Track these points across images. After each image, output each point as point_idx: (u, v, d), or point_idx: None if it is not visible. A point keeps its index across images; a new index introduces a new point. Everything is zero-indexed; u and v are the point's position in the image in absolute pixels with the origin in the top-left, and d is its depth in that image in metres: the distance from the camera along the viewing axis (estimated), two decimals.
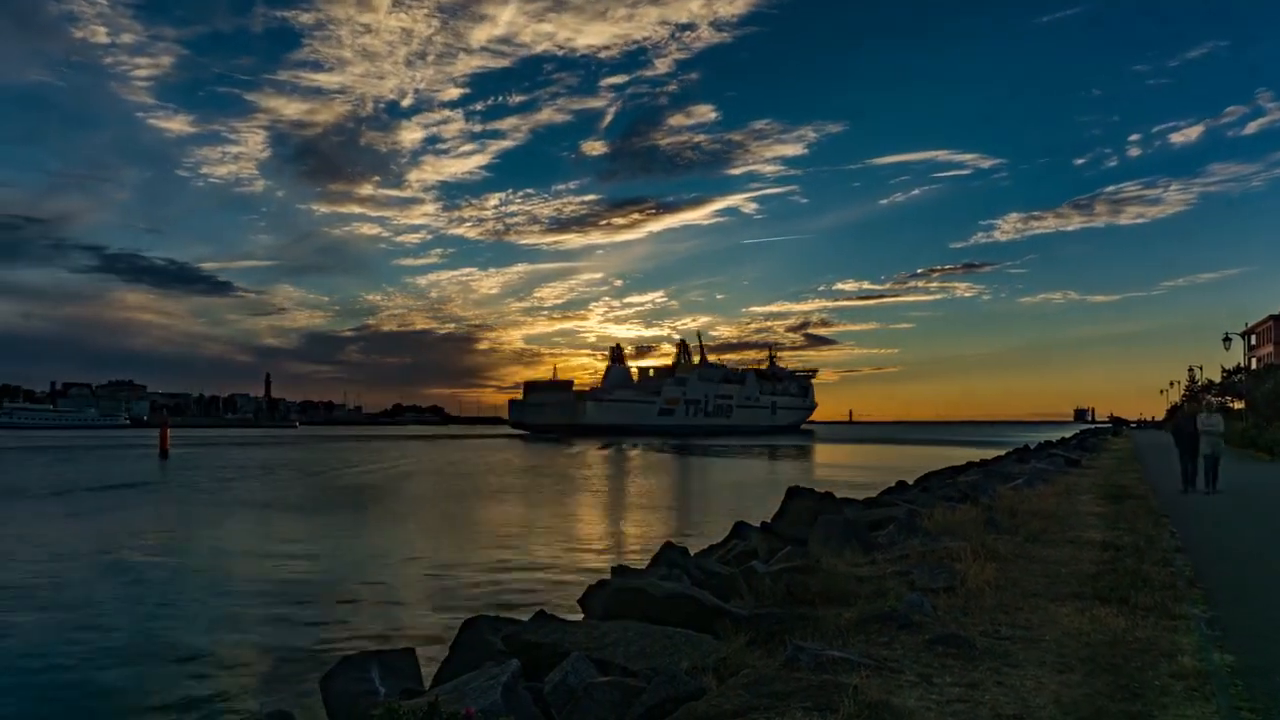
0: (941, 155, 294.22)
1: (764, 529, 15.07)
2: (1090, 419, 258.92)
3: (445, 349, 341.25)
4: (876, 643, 6.27)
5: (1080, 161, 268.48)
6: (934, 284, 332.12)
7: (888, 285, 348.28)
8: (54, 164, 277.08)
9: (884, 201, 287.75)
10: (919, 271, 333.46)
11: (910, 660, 5.81)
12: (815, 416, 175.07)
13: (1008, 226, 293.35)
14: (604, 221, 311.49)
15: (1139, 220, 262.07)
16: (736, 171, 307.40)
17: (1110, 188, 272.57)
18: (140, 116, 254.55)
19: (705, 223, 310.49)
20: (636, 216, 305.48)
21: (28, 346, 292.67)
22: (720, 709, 4.66)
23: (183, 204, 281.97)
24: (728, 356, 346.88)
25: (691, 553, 12.56)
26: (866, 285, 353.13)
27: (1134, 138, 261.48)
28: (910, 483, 26.19)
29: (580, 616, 8.48)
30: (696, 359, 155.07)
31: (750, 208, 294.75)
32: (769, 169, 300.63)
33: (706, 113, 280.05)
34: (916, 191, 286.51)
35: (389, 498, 36.48)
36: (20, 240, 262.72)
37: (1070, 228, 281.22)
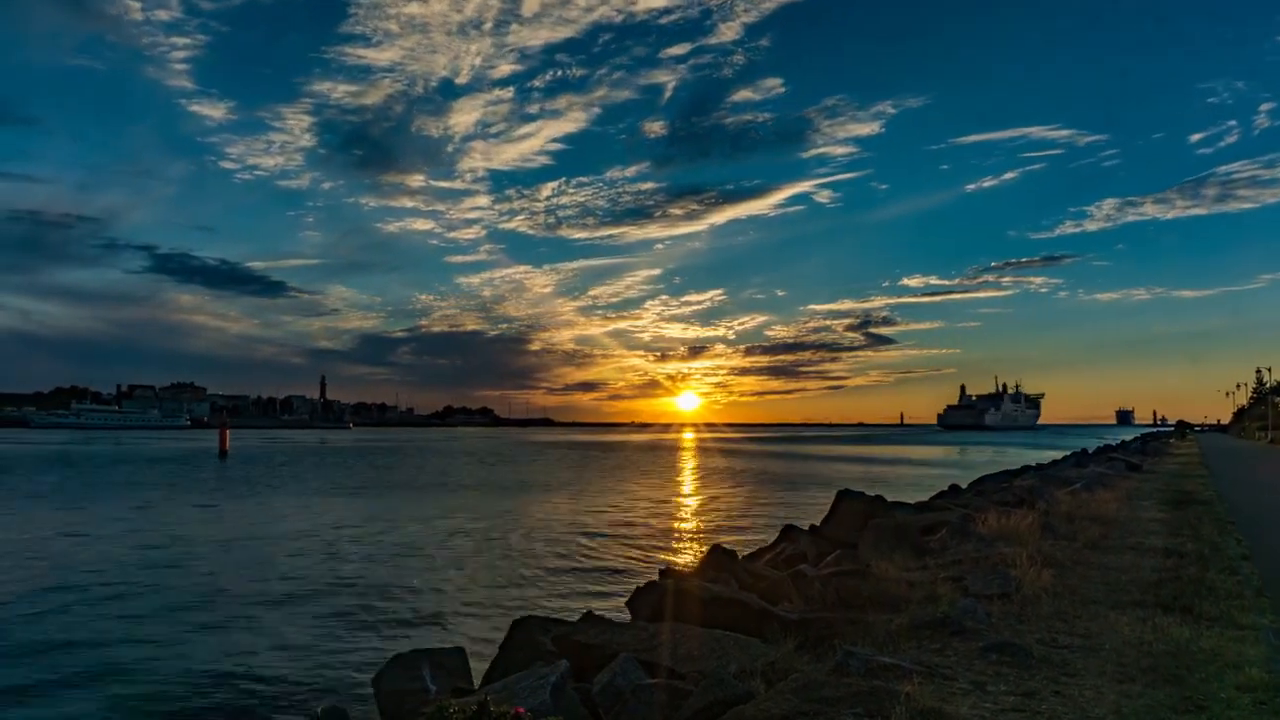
0: (1034, 132, 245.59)
1: (813, 532, 14.93)
2: (1158, 423, 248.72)
3: (496, 350, 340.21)
4: (928, 649, 6.16)
5: (1197, 137, 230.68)
6: (1006, 278, 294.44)
7: (956, 280, 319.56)
8: (96, 158, 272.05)
9: (970, 187, 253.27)
10: (992, 265, 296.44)
11: (964, 668, 5.70)
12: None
13: (1100, 214, 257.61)
14: (660, 213, 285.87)
15: (1248, 206, 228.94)
16: (804, 155, 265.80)
17: (1223, 168, 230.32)
18: (181, 104, 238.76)
19: (769, 214, 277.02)
20: (695, 206, 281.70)
21: (92, 349, 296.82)
22: (769, 713, 4.62)
23: (228, 198, 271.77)
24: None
25: (740, 555, 12.50)
26: (934, 280, 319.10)
27: (1265, 107, 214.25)
28: (964, 486, 25.74)
29: (628, 618, 8.50)
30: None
31: (817, 196, 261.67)
32: (840, 151, 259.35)
33: (774, 86, 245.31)
34: (1011, 175, 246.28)
35: None
36: (70, 240, 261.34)
37: (1170, 215, 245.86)
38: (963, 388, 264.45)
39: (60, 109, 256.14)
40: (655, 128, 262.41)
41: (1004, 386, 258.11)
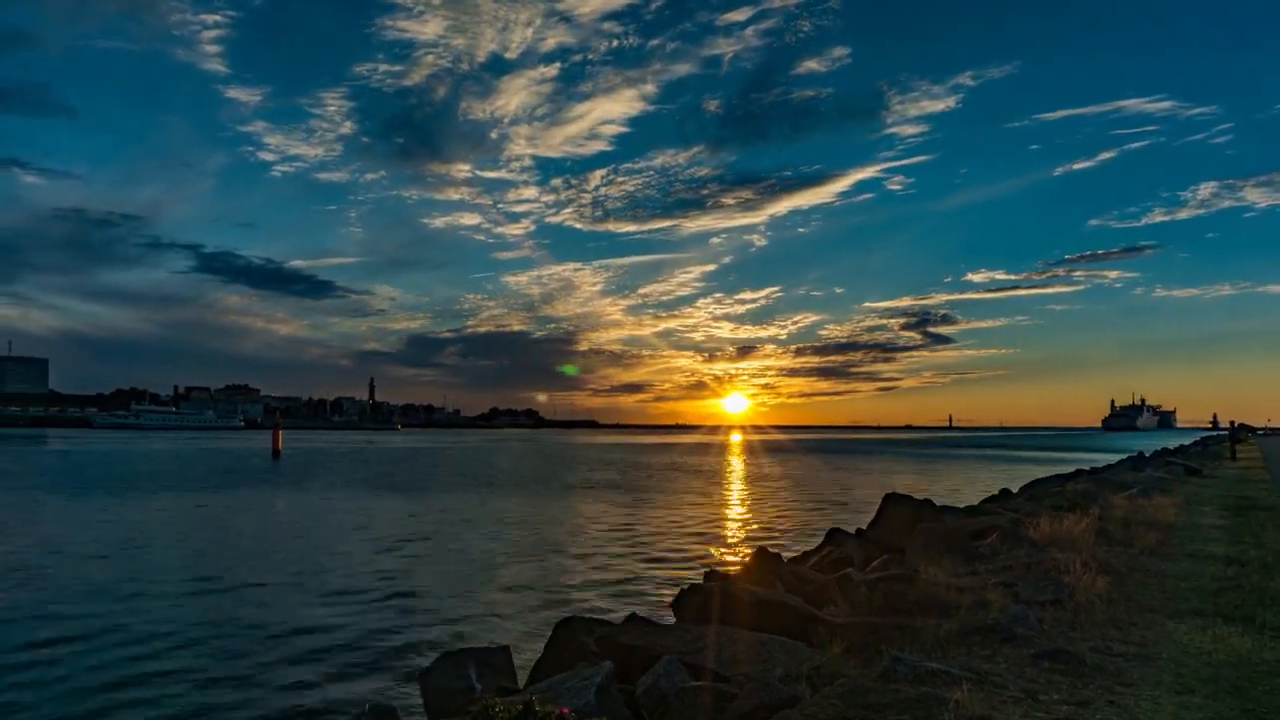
0: (1130, 106, 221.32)
1: (859, 536, 14.78)
2: (1214, 426, 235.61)
3: (542, 351, 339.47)
4: (978, 656, 6.06)
5: None
6: (1079, 272, 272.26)
7: (1024, 275, 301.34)
8: (132, 151, 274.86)
9: (1059, 170, 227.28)
10: (1066, 258, 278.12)
11: (1014, 675, 5.59)
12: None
13: (1195, 200, 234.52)
14: (714, 203, 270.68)
15: None
16: (871, 136, 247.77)
17: None
18: (217, 89, 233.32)
19: (832, 203, 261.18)
20: (751, 196, 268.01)
21: (147, 351, 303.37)
22: (815, 718, 4.58)
23: (267, 192, 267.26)
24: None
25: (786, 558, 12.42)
26: (1000, 275, 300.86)
27: None
28: (1015, 490, 25.27)
29: (672, 620, 8.49)
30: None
31: (885, 184, 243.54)
32: (910, 130, 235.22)
33: (841, 56, 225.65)
34: (1107, 154, 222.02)
35: None
36: (115, 239, 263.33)
37: (1272, 201, 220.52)
38: (1112, 401, 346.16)
39: (94, 96, 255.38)
40: (712, 105, 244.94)
41: (1142, 400, 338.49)
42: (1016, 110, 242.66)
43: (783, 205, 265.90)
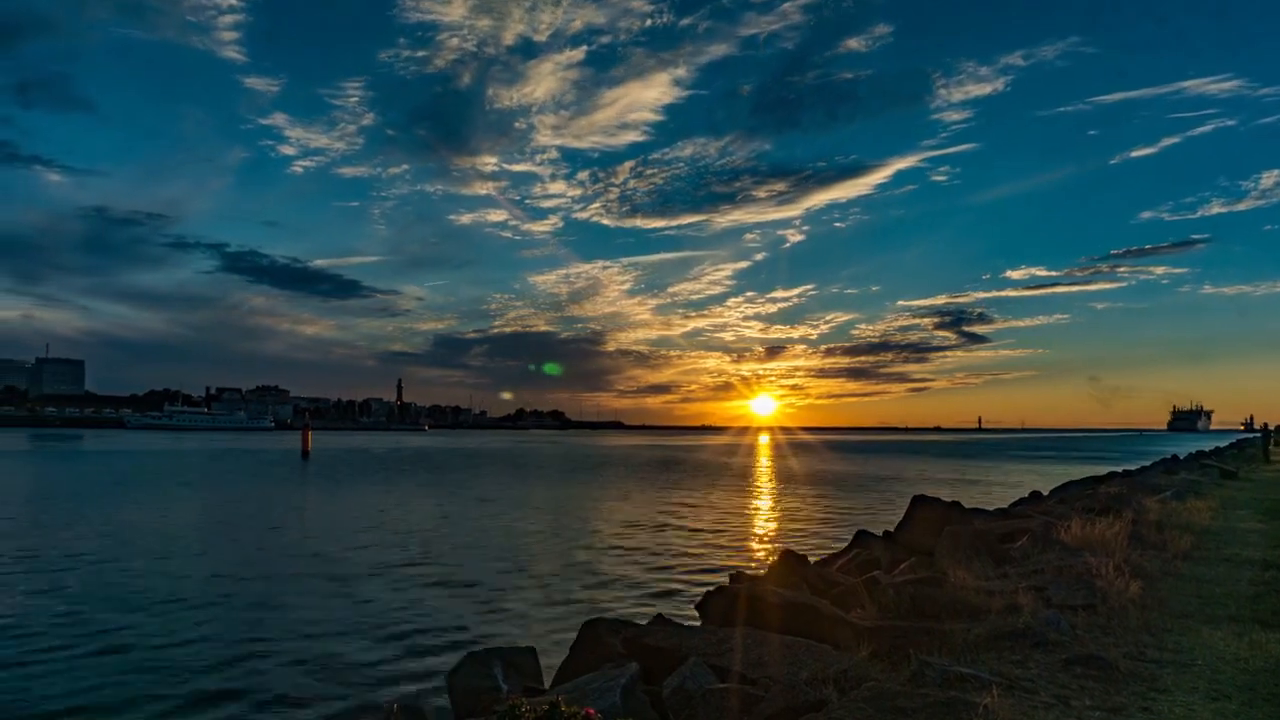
0: (1193, 87, 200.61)
1: (887, 538, 14.67)
2: (1254, 427, 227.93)
3: (568, 351, 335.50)
4: (1008, 661, 5.98)
5: None
6: (1123, 268, 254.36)
7: (1064, 271, 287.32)
8: (153, 146, 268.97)
9: (1115, 159, 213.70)
10: (1111, 253, 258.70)
11: (1045, 681, 5.52)
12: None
13: (1257, 190, 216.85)
14: (745, 196, 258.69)
15: None
16: (913, 123, 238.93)
17: None
18: (235, 79, 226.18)
19: (869, 195, 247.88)
20: (784, 188, 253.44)
21: (175, 352, 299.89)
22: None
23: (289, 188, 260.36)
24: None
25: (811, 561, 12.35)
26: (1040, 272, 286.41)
27: None
28: (1045, 492, 24.96)
29: (698, 622, 8.48)
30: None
31: (924, 175, 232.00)
32: (955, 116, 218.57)
33: (883, 33, 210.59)
34: (1171, 140, 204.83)
35: None
36: (138, 238, 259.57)
37: None
38: (1174, 406, 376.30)
39: (112, 89, 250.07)
40: (745, 89, 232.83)
41: (1200, 406, 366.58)
42: (1071, 93, 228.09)
43: (819, 198, 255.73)
